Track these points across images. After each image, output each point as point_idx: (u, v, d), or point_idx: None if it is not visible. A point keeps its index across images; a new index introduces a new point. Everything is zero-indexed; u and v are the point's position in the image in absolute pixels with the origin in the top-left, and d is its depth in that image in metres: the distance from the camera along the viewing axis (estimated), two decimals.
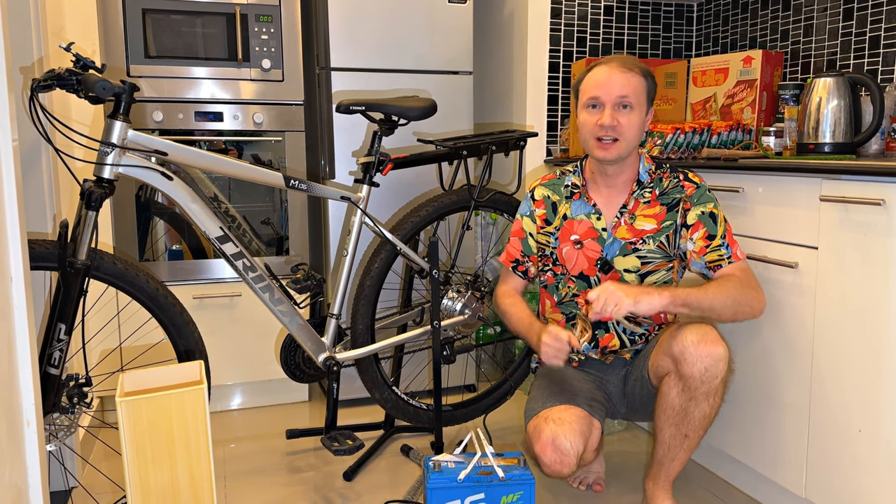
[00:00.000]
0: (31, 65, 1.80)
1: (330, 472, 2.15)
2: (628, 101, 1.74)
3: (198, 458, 1.53)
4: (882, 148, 2.02)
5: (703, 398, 1.64)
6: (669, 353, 1.66)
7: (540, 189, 1.95)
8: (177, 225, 2.47)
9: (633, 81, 1.74)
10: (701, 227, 1.77)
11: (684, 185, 1.81)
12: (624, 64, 1.75)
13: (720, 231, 1.76)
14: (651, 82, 1.79)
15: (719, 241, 1.76)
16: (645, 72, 1.78)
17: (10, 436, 1.15)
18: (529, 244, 1.96)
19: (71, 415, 1.69)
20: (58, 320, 1.61)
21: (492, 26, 3.09)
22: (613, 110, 1.74)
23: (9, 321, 1.18)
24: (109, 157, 1.63)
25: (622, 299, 1.59)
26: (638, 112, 1.75)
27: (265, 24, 2.47)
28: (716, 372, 1.61)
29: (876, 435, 1.55)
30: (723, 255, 1.75)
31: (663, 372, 1.70)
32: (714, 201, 1.79)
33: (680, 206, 1.80)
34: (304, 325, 1.99)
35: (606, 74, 1.75)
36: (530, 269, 1.98)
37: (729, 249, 1.75)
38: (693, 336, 1.62)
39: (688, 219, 1.78)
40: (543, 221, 1.93)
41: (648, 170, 1.84)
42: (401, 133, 2.57)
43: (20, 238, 1.20)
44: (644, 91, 1.77)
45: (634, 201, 1.82)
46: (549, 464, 1.67)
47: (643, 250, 1.81)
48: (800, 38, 2.48)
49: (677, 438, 1.70)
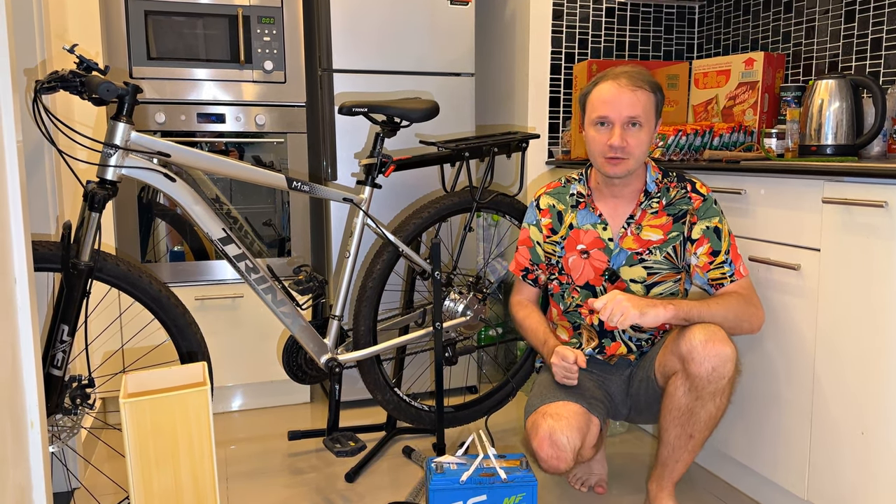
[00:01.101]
0: (34, 67, 1.81)
1: (332, 473, 2.15)
2: (638, 120, 1.72)
3: (201, 460, 1.53)
4: (884, 150, 2.02)
5: (709, 398, 1.64)
6: (677, 352, 1.66)
7: (545, 198, 1.95)
8: (179, 226, 2.47)
9: (642, 100, 1.72)
10: (705, 242, 1.77)
11: (692, 197, 1.80)
12: (633, 81, 1.72)
13: (724, 247, 1.76)
14: (659, 96, 1.77)
15: (723, 258, 1.76)
16: (654, 86, 1.75)
17: (15, 437, 1.15)
18: (538, 253, 1.96)
19: (74, 416, 1.69)
20: (61, 322, 1.61)
21: (493, 28, 3.09)
22: (623, 130, 1.72)
23: (13, 323, 1.18)
24: (112, 158, 1.63)
25: (629, 310, 1.60)
26: (647, 129, 1.74)
27: (267, 25, 2.47)
28: (723, 372, 1.62)
29: (879, 437, 1.55)
30: (725, 274, 1.76)
31: (670, 371, 1.71)
32: (719, 215, 1.79)
33: (687, 218, 1.80)
34: (307, 326, 1.99)
35: (616, 93, 1.72)
36: (540, 277, 1.99)
37: (732, 266, 1.76)
38: (701, 335, 1.62)
39: (693, 233, 1.79)
40: (549, 230, 1.93)
41: (655, 179, 1.83)
42: (403, 135, 2.57)
43: (24, 239, 1.20)
44: (653, 107, 1.75)
45: (641, 212, 1.82)
46: (546, 459, 1.68)
47: (649, 261, 1.81)
48: (801, 40, 2.48)
49: (682, 439, 1.71)
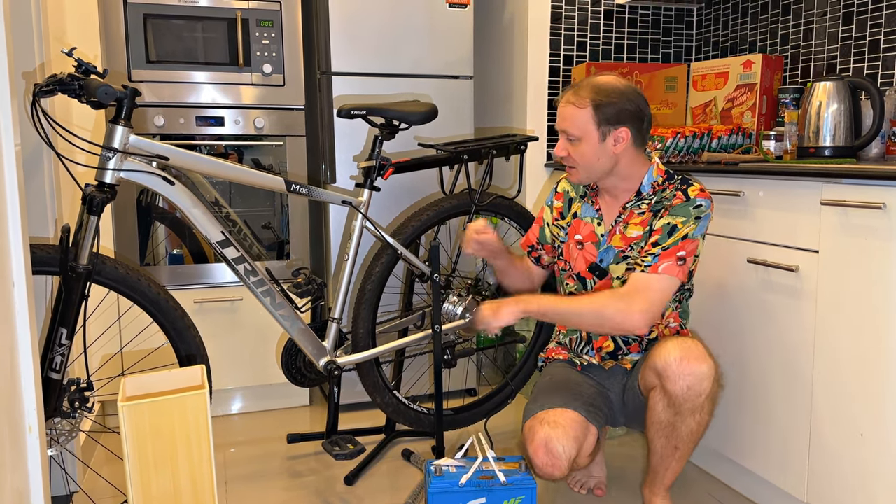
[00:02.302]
0: (32, 70, 1.81)
1: (331, 476, 2.15)
2: (573, 135, 1.74)
3: (199, 463, 1.53)
4: (882, 151, 2.03)
5: (688, 414, 1.64)
6: (654, 367, 1.66)
7: (563, 182, 2.00)
8: (177, 229, 2.47)
9: (576, 115, 1.72)
10: (657, 234, 1.72)
11: (676, 195, 1.74)
12: (576, 94, 1.73)
13: (668, 243, 1.69)
14: (607, 110, 1.70)
15: (655, 251, 1.70)
16: (596, 102, 1.70)
17: (13, 441, 1.15)
18: (545, 233, 2.01)
19: (72, 419, 1.69)
20: (59, 325, 1.61)
21: (492, 30, 3.09)
22: (565, 141, 1.78)
23: (11, 326, 1.18)
24: (111, 161, 1.63)
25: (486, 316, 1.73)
26: (586, 142, 1.73)
27: (266, 28, 2.47)
28: (699, 390, 1.61)
29: (878, 439, 1.55)
30: (643, 263, 1.70)
31: (650, 385, 1.71)
32: (687, 217, 1.70)
33: (661, 212, 1.75)
34: (306, 329, 1.99)
35: (560, 105, 1.78)
36: (543, 257, 2.04)
37: (655, 260, 1.69)
38: (676, 352, 1.61)
39: (655, 223, 1.75)
40: (559, 214, 1.97)
41: (654, 181, 1.78)
42: (402, 137, 2.57)
43: (23, 243, 1.20)
44: (591, 121, 1.71)
45: (629, 212, 1.81)
46: (541, 466, 1.68)
47: (631, 257, 1.81)
48: (799, 42, 2.48)
49: (668, 449, 1.72)
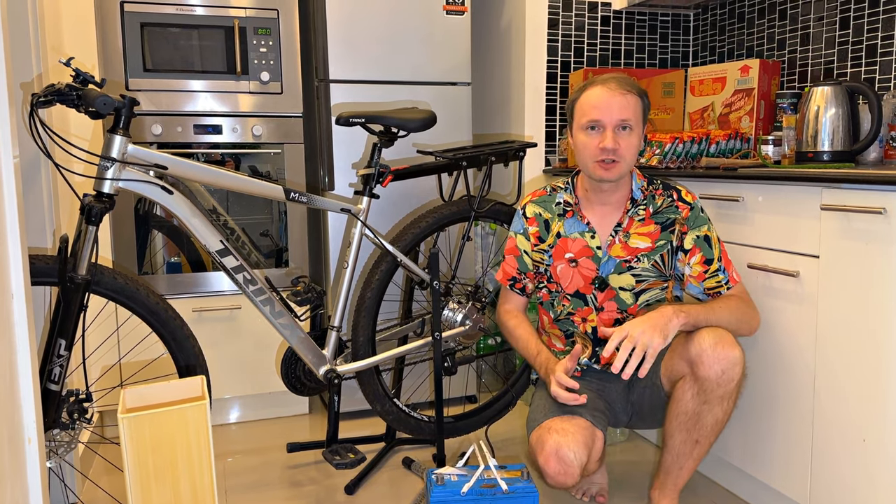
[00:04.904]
0: (30, 80, 1.80)
1: (331, 485, 2.14)
2: (629, 123, 1.74)
3: (200, 474, 1.52)
4: (881, 156, 2.03)
5: (717, 402, 1.65)
6: (686, 356, 1.67)
7: (531, 206, 1.95)
8: (175, 238, 2.46)
9: (632, 103, 1.75)
10: (697, 251, 1.79)
11: (679, 206, 1.82)
12: (621, 85, 1.75)
13: (716, 254, 1.79)
14: (646, 101, 1.80)
15: (716, 266, 1.78)
16: (641, 91, 1.78)
17: (12, 452, 1.14)
18: (525, 261, 1.96)
19: (71, 431, 1.68)
20: (58, 336, 1.60)
21: (490, 37, 3.10)
22: (615, 133, 1.74)
23: (10, 338, 1.17)
24: (109, 171, 1.63)
25: (653, 339, 1.57)
26: (637, 133, 1.77)
27: (263, 36, 2.47)
28: (732, 375, 1.63)
29: (881, 444, 1.55)
30: (721, 282, 1.78)
31: (678, 376, 1.71)
32: (707, 223, 1.81)
33: (675, 227, 1.82)
34: (305, 337, 1.98)
35: (606, 96, 1.74)
36: (528, 286, 1.99)
37: (726, 274, 1.79)
38: (710, 339, 1.64)
39: (684, 243, 1.81)
40: (537, 239, 1.93)
41: (641, 186, 1.85)
42: (400, 144, 2.57)
43: (21, 254, 1.20)
44: (641, 111, 1.78)
45: (629, 220, 1.83)
46: (553, 475, 1.66)
47: (638, 268, 1.82)
48: (797, 47, 2.49)
49: (688, 444, 1.71)
